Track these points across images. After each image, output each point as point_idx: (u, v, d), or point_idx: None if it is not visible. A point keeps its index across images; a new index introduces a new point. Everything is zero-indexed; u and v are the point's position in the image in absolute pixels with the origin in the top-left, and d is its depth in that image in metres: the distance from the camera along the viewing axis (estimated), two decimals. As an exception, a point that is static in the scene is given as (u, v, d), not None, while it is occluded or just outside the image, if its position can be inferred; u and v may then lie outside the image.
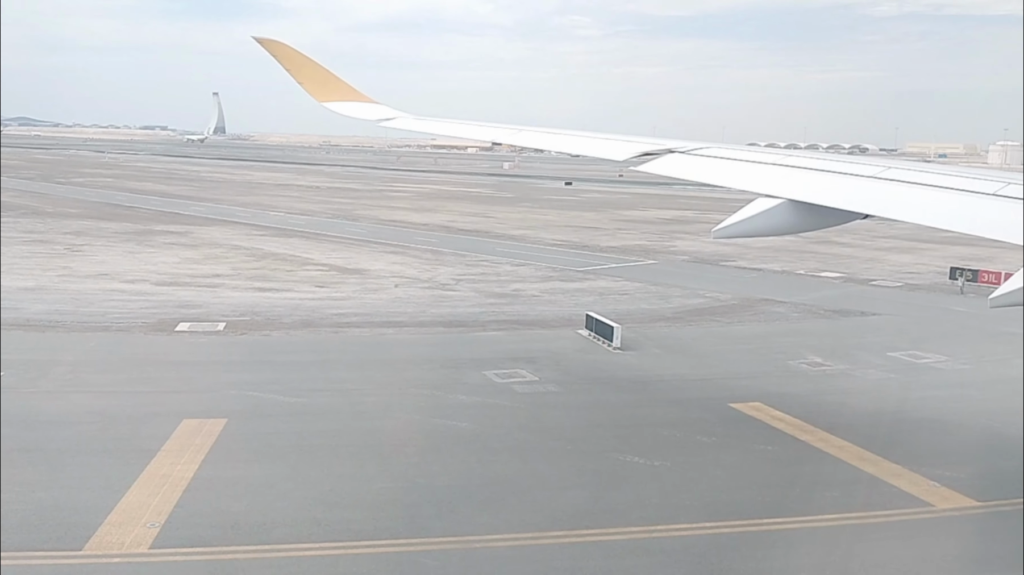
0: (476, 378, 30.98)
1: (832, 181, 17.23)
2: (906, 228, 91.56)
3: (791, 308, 47.73)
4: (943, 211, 15.21)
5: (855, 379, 33.12)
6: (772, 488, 21.76)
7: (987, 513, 20.69)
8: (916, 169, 17.68)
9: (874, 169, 17.37)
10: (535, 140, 27.73)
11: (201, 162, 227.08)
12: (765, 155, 20.21)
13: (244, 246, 65.66)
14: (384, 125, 31.21)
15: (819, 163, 18.50)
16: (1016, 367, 36.07)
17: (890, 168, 17.33)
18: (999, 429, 27.34)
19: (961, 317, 46.58)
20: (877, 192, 16.43)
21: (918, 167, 18.33)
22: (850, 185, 16.94)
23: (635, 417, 27.46)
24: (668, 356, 36.02)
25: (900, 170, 17.19)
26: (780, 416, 27.67)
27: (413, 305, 44.81)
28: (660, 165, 20.63)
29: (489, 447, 23.92)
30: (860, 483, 22.29)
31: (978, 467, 23.76)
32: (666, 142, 22.11)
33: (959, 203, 15.13)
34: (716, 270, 62.69)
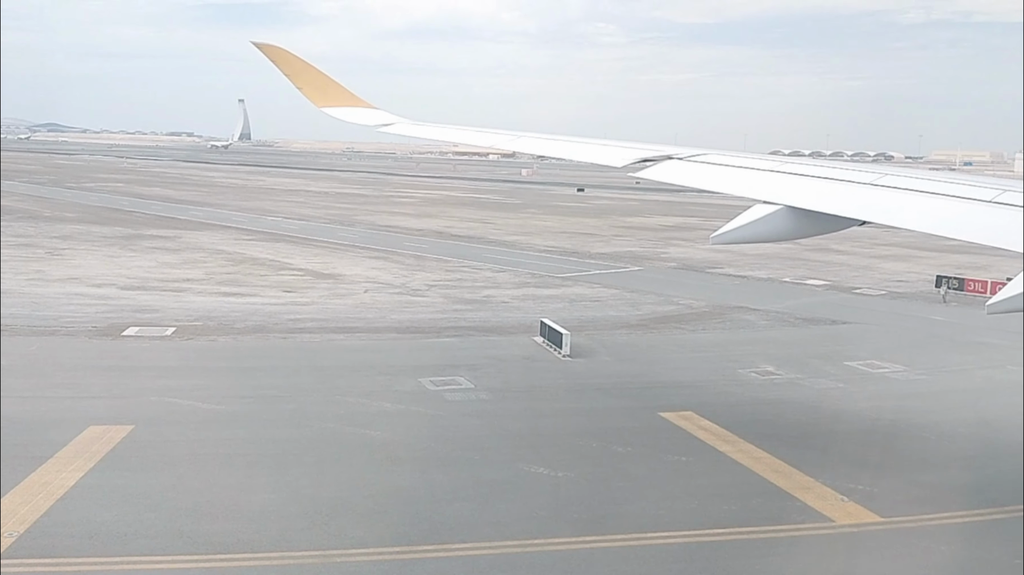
0: (409, 385, 30.55)
1: (829, 188, 17.33)
2: (908, 236, 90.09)
3: (762, 316, 46.89)
4: (939, 218, 15.16)
5: (801, 389, 32.32)
6: (669, 500, 21.13)
7: (884, 530, 19.93)
8: (913, 176, 17.61)
9: (871, 176, 17.37)
10: (534, 146, 27.44)
11: (219, 168, 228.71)
12: (763, 162, 20.07)
13: (227, 250, 65.75)
14: (382, 131, 30.88)
15: (817, 170, 18.63)
16: (971, 378, 35.29)
17: (887, 175, 17.32)
18: (930, 442, 26.57)
19: (935, 326, 45.54)
20: (873, 199, 16.42)
21: (915, 174, 18.20)
22: (847, 192, 16.99)
23: (558, 426, 26.89)
24: (616, 364, 35.39)
25: (897, 177, 17.20)
26: (707, 426, 27.00)
27: (375, 311, 44.48)
28: (658, 172, 20.67)
29: (393, 457, 23.46)
30: (763, 496, 21.61)
31: (895, 481, 23.00)
32: (665, 148, 21.92)
33: (955, 210, 15.06)
34: (700, 277, 61.86)
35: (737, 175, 19.46)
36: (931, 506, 21.32)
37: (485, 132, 29.80)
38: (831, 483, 22.42)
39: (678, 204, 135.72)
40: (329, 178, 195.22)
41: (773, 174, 18.83)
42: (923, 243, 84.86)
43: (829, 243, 79.76)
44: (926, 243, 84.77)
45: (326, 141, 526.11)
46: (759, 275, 62.90)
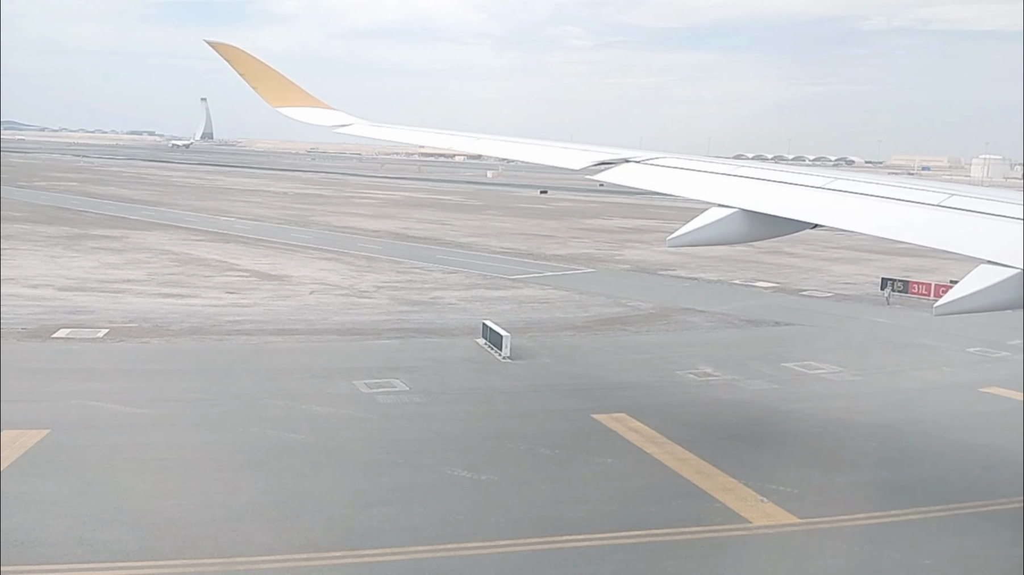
0: (343, 388, 30.18)
1: (782, 191, 17.55)
2: (861, 238, 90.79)
3: (707, 318, 47.05)
4: (887, 221, 15.43)
5: (736, 390, 32.39)
6: (589, 503, 21.00)
7: (799, 531, 19.97)
8: (863, 180, 17.93)
9: (822, 180, 17.67)
10: (493, 148, 27.30)
11: (178, 167, 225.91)
12: (719, 166, 20.40)
13: (174, 251, 64.82)
14: (339, 131, 30.51)
15: (770, 174, 18.87)
16: (905, 379, 35.62)
17: (838, 179, 17.62)
18: (856, 443, 26.67)
19: (877, 328, 45.96)
20: (825, 202, 16.69)
21: (865, 178, 18.60)
22: (799, 195, 17.23)
23: (488, 428, 26.69)
24: (556, 366, 35.26)
25: (848, 181, 17.51)
26: (638, 427, 26.93)
27: (318, 312, 44.00)
28: (616, 174, 20.78)
29: (314, 461, 23.10)
30: (684, 498, 21.56)
31: (817, 482, 23.06)
32: (623, 151, 22.09)
33: (903, 213, 15.32)
34: (651, 279, 62.02)
35: (693, 178, 19.66)
36: (849, 507, 21.39)
37: (444, 134, 29.64)
38: (753, 484, 22.42)
39: (639, 207, 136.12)
40: (290, 178, 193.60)
41: (728, 178, 19.15)
42: (874, 246, 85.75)
43: (782, 246, 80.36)
44: (877, 246, 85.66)
45: (290, 141, 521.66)
46: (709, 277, 63.19)
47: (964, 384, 34.55)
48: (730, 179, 19.05)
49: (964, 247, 13.65)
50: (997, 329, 45.70)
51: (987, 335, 43.96)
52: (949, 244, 13.97)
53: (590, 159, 21.92)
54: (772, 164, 21.44)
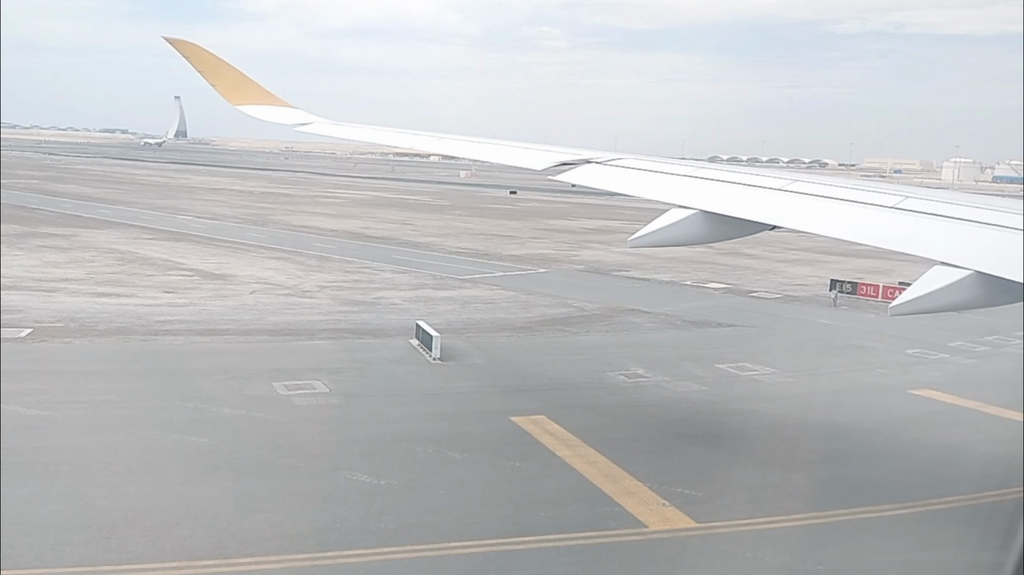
0: (259, 390, 29.57)
1: (741, 193, 17.67)
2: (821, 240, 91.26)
3: (651, 319, 46.80)
4: (843, 223, 15.57)
5: (663, 391, 32.09)
6: (486, 508, 20.58)
7: (693, 536, 19.64)
8: (821, 183, 18.06)
9: (781, 182, 17.76)
10: (457, 148, 27.11)
11: (147, 166, 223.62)
12: (680, 167, 20.31)
13: (121, 250, 63.86)
14: (300, 130, 30.15)
15: (730, 175, 18.95)
16: (837, 381, 35.49)
17: (796, 181, 17.73)
18: (775, 444, 26.44)
19: (818, 329, 45.87)
20: (782, 204, 16.81)
21: (824, 180, 18.70)
22: (758, 197, 17.35)
23: (401, 431, 26.14)
24: (486, 367, 34.81)
25: (806, 183, 17.62)
26: (555, 430, 26.52)
27: (255, 312, 43.33)
28: (577, 175, 20.77)
29: (211, 466, 22.52)
30: (584, 502, 21.16)
31: (724, 485, 22.79)
32: (584, 152, 21.99)
33: (859, 215, 15.48)
34: (603, 280, 61.76)
35: (653, 180, 19.67)
36: (752, 510, 21.10)
37: (406, 133, 29.41)
38: (658, 488, 22.06)
39: (606, 207, 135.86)
40: (259, 177, 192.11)
41: (688, 179, 19.19)
42: (832, 247, 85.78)
43: (741, 247, 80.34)
44: (835, 248, 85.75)
45: (265, 140, 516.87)
46: (662, 278, 63.02)
47: (895, 386, 34.42)
48: (690, 180, 19.09)
49: (919, 248, 13.83)
50: (940, 331, 45.80)
51: (929, 337, 43.99)
52: (904, 246, 14.18)
53: (552, 159, 21.87)
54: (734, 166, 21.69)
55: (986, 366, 39.05)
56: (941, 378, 36.30)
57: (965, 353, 41.36)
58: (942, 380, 35.87)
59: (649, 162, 20.92)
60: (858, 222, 15.51)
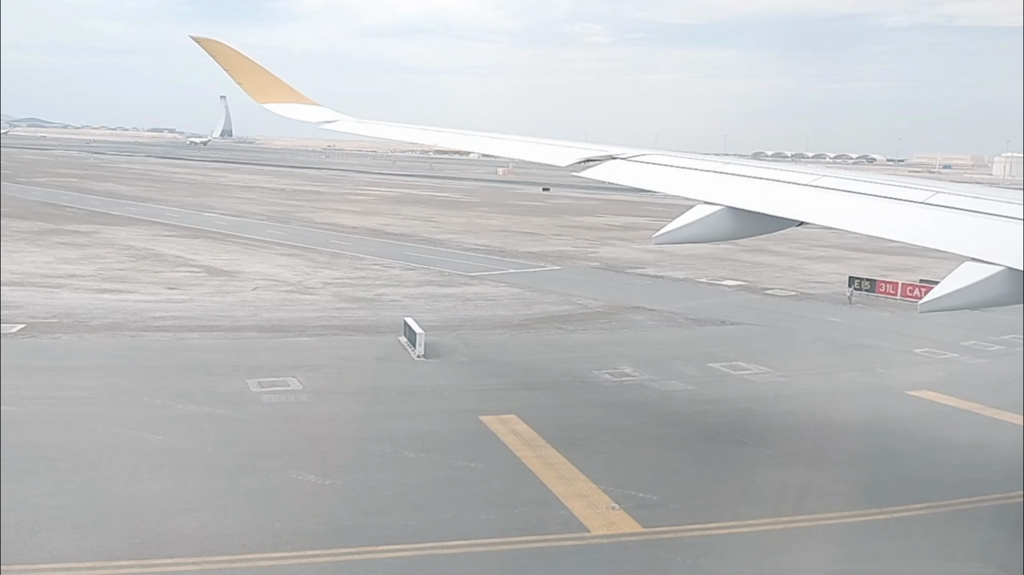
0: (232, 387, 29.32)
1: (767, 189, 17.60)
2: (852, 237, 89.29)
3: (654, 316, 45.87)
4: (871, 218, 15.48)
5: (646, 391, 31.26)
6: (427, 511, 19.97)
7: (633, 542, 18.88)
8: (850, 178, 17.96)
9: (809, 177, 17.63)
10: (480, 145, 26.96)
11: (188, 164, 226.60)
12: (705, 163, 20.08)
13: (137, 246, 64.38)
14: (325, 128, 30.34)
15: (756, 171, 18.84)
16: (832, 381, 34.37)
17: (824, 176, 17.61)
18: (747, 447, 25.52)
19: (827, 328, 44.57)
20: (809, 200, 16.67)
21: (852, 176, 18.58)
22: (784, 193, 17.20)
23: (363, 430, 25.69)
24: (469, 365, 34.22)
25: (834, 178, 17.51)
26: (522, 430, 25.89)
27: (251, 309, 43.25)
28: (601, 171, 20.76)
29: (157, 464, 22.17)
30: (530, 505, 20.50)
31: (682, 489, 22.02)
32: (609, 148, 21.88)
33: (887, 211, 15.39)
34: (615, 277, 60.81)
35: (678, 176, 19.57)
36: (704, 515, 20.31)
37: (430, 130, 29.31)
38: (613, 490, 21.38)
39: (637, 204, 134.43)
40: (295, 175, 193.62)
41: (714, 175, 19.00)
42: (862, 244, 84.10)
43: (768, 244, 78.96)
44: (865, 244, 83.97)
45: (307, 138, 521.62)
46: (677, 275, 61.93)
47: (892, 386, 33.21)
48: (716, 176, 18.93)
49: (948, 244, 13.72)
50: (955, 330, 44.34)
51: (942, 336, 42.60)
52: (933, 241, 14.02)
53: (576, 156, 21.76)
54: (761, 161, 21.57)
55: (995, 366, 37.54)
56: (944, 378, 34.97)
57: (976, 353, 39.87)
58: (944, 381, 34.55)
59: (674, 158, 20.85)
60: (887, 218, 15.34)
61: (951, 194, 15.39)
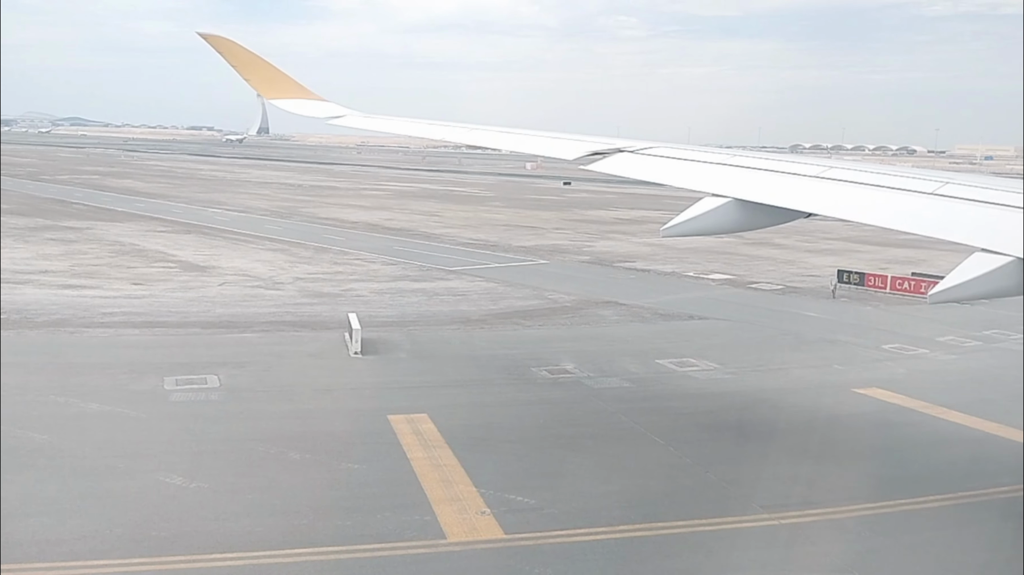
0: (147, 384, 28.62)
1: (775, 180, 17.59)
2: (863, 229, 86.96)
3: (621, 311, 44.57)
4: (880, 209, 15.49)
5: (578, 388, 30.12)
6: (282, 516, 19.06)
7: (486, 550, 17.83)
8: (858, 169, 18.01)
9: (817, 169, 17.70)
10: (487, 139, 26.93)
11: (217, 161, 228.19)
12: (714, 155, 20.10)
13: (124, 242, 64.37)
14: (332, 123, 30.37)
15: (764, 163, 18.83)
16: (781, 378, 33.01)
17: (832, 168, 17.68)
18: (656, 447, 24.29)
19: (799, 322, 42.93)
20: (818, 191, 16.75)
21: (861, 167, 18.59)
22: (792, 184, 17.25)
23: (257, 429, 24.77)
24: (405, 362, 33.25)
25: (842, 170, 17.58)
26: (427, 430, 24.92)
27: (207, 305, 42.68)
28: (608, 164, 20.81)
29: (24, 464, 21.34)
30: (396, 510, 19.50)
31: (568, 492, 20.90)
32: (616, 141, 22.00)
33: (896, 202, 15.42)
34: (600, 271, 59.47)
35: (685, 168, 19.56)
36: (580, 521, 19.19)
37: (437, 125, 29.11)
38: (493, 494, 20.42)
39: (655, 197, 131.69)
40: (319, 171, 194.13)
41: (721, 167, 19.01)
42: (869, 237, 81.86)
43: (774, 236, 77.23)
44: (872, 237, 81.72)
45: (343, 135, 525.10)
46: (665, 269, 60.49)
47: (840, 384, 31.68)
48: (724, 168, 18.92)
49: (958, 235, 13.68)
50: (935, 325, 42.74)
51: (919, 331, 41.03)
52: (943, 232, 14.01)
53: (584, 149, 21.72)
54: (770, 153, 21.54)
55: (964, 363, 35.81)
56: (903, 375, 33.35)
57: (950, 349, 38.10)
58: (902, 378, 32.95)
59: (682, 150, 20.82)
60: (895, 208, 15.30)
61: (961, 184, 15.25)
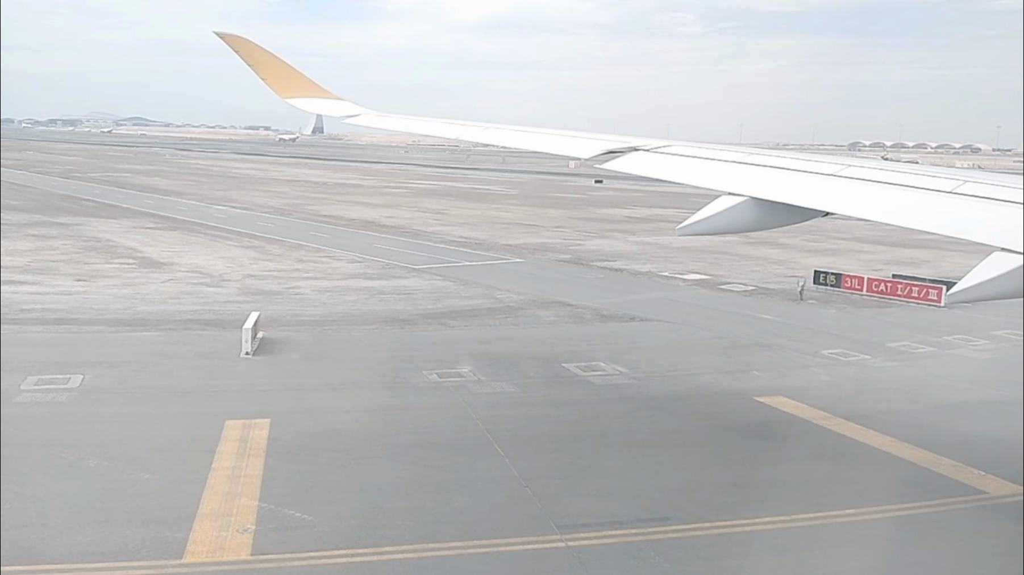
0: (4, 383, 27.67)
1: (792, 179, 17.45)
2: (880, 229, 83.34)
3: (564, 312, 42.62)
4: (897, 208, 15.32)
5: (457, 393, 28.38)
6: (23, 529, 17.66)
7: (215, 571, 16.21)
8: (876, 167, 17.90)
9: (834, 167, 17.56)
10: (501, 138, 26.93)
11: (262, 160, 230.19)
12: (731, 153, 19.98)
13: (102, 239, 64.27)
14: (348, 122, 30.61)
15: (781, 161, 18.72)
16: (687, 382, 30.72)
17: (850, 167, 17.52)
18: (487, 460, 22.49)
19: (746, 325, 40.58)
20: (835, 190, 16.61)
21: (879, 165, 18.46)
22: (809, 183, 17.12)
23: (76, 434, 23.34)
24: (293, 364, 31.73)
25: (860, 168, 17.42)
26: (255, 437, 23.53)
27: (131, 302, 41.70)
28: (624, 163, 20.75)
29: None
30: (154, 524, 18.11)
31: (351, 509, 19.24)
32: (632, 140, 21.94)
33: (914, 200, 15.19)
34: (572, 270, 57.47)
35: (702, 166, 19.45)
36: (339, 541, 17.55)
37: (452, 123, 28.90)
38: (272, 509, 19.05)
39: (682, 196, 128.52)
40: (353, 169, 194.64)
41: (738, 165, 18.86)
42: (883, 237, 78.69)
43: (780, 235, 74.38)
44: (886, 237, 78.46)
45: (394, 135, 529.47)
46: (641, 269, 58.28)
47: (744, 392, 29.48)
48: (740, 167, 18.79)
49: (976, 234, 13.47)
50: (896, 330, 40.14)
51: (871, 336, 38.72)
52: (961, 231, 13.83)
53: (599, 148, 21.66)
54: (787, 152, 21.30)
55: (899, 371, 33.29)
56: (822, 383, 31.09)
57: (896, 354, 35.54)
58: (820, 385, 30.71)
59: (699, 148, 20.69)
60: (913, 207, 15.04)
61: (980, 183, 15.04)
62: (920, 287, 47.42)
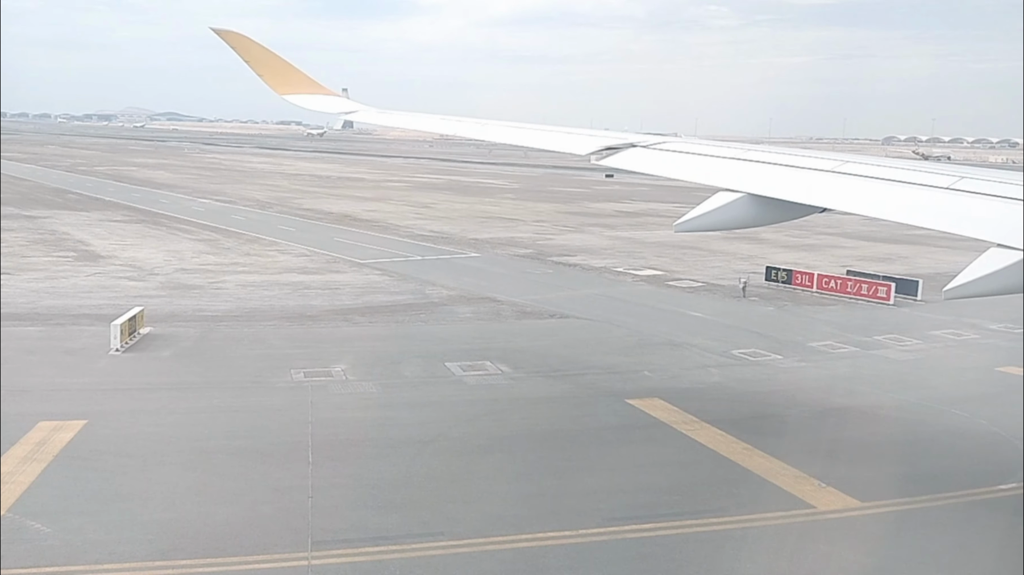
0: None
1: (790, 175, 17.42)
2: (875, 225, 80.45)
3: (487, 308, 41.08)
4: (893, 204, 15.31)
5: (317, 393, 27.08)
6: None
7: None
8: (874, 164, 17.79)
9: (832, 164, 17.49)
10: (498, 134, 26.97)
11: (281, 155, 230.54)
12: (728, 150, 19.78)
13: (60, 231, 63.77)
14: (345, 118, 30.86)
15: (779, 157, 18.65)
16: (571, 383, 28.98)
17: (848, 163, 17.48)
18: (297, 466, 21.04)
19: (670, 322, 38.73)
20: (832, 186, 16.54)
21: (876, 162, 18.30)
22: (807, 179, 17.08)
23: None
24: (160, 362, 30.35)
25: (857, 164, 17.36)
26: (55, 440, 22.26)
27: (38, 296, 40.65)
28: (621, 160, 20.74)
29: None
30: None
31: (107, 520, 17.78)
32: (629, 136, 22.04)
33: (910, 196, 15.19)
34: (523, 265, 55.73)
35: (699, 163, 19.50)
36: (81, 557, 16.14)
37: (450, 120, 28.80)
38: (14, 520, 17.60)
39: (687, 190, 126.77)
40: (365, 163, 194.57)
41: (735, 162, 18.81)
42: (876, 234, 76.51)
43: (766, 230, 71.37)
44: (879, 234, 76.07)
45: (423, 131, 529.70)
46: (597, 264, 56.46)
47: (619, 393, 27.85)
48: (737, 163, 18.72)
49: (972, 230, 13.46)
50: (826, 328, 38.22)
51: (796, 335, 37.06)
52: (957, 227, 13.81)
53: (596, 144, 21.56)
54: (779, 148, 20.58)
55: (802, 373, 31.48)
56: (711, 384, 29.41)
57: (811, 355, 33.71)
58: (706, 387, 29.08)
59: (696, 145, 20.86)
60: (910, 203, 15.02)
61: (977, 179, 14.99)
62: (870, 284, 45.04)
